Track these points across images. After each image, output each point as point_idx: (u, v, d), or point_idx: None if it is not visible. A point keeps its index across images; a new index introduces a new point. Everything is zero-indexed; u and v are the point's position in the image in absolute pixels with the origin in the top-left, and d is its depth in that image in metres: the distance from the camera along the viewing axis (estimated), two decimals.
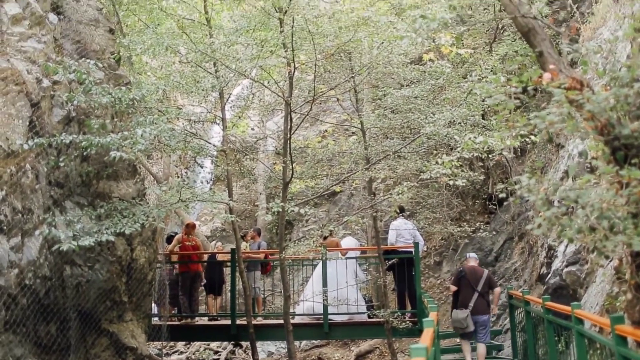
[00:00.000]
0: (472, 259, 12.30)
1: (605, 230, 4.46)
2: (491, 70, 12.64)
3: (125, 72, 11.69)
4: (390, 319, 12.41)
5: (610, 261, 8.58)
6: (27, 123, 8.79)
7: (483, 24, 17.07)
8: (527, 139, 8.22)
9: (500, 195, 12.24)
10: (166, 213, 10.46)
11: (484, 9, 17.02)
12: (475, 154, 12.11)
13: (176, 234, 15.25)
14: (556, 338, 9.27)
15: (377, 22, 10.78)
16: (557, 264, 11.66)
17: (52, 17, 10.19)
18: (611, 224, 4.46)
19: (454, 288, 12.03)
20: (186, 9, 12.74)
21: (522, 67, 12.50)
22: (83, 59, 9.96)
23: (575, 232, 4.60)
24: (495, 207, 17.17)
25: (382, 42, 11.60)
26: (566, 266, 11.15)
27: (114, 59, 11.15)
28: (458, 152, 10.97)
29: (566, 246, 11.35)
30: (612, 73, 5.08)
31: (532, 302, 11.02)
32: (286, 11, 10.90)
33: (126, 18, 13.25)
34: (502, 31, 17.07)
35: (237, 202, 16.72)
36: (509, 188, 6.63)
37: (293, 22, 10.61)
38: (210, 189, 20.62)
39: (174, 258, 14.37)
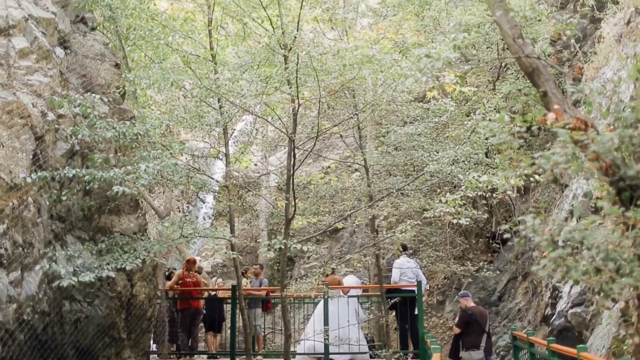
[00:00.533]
0: (470, 299, 12.18)
1: (612, 272, 4.40)
2: (494, 109, 12.68)
3: (130, 107, 11.74)
4: (393, 359, 12.22)
5: (617, 303, 8.46)
6: (31, 156, 8.79)
7: (487, 63, 17.21)
8: (531, 178, 8.18)
9: (505, 236, 12.17)
10: (167, 249, 10.40)
11: (487, 48, 17.16)
12: (479, 193, 12.08)
13: (174, 269, 15.16)
14: None
15: (381, 60, 10.84)
16: (562, 304, 11.52)
17: (59, 51, 10.27)
18: (617, 265, 4.40)
19: (458, 330, 11.83)
20: (192, 45, 12.85)
21: (526, 107, 12.56)
22: (88, 93, 10.03)
23: (581, 273, 4.53)
24: (498, 245, 17.06)
25: (386, 80, 11.66)
26: (571, 307, 11.02)
27: (119, 93, 11.21)
28: (462, 190, 10.93)
29: (571, 287, 11.23)
30: (616, 113, 5.08)
31: (537, 343, 10.84)
32: (291, 48, 10.98)
33: (132, 53, 13.35)
34: (505, 69, 17.19)
35: (238, 238, 16.64)
36: (512, 228, 6.59)
37: (298, 59, 10.68)
38: (212, 224, 20.56)
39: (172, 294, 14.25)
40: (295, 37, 10.90)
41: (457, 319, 12.87)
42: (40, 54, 9.56)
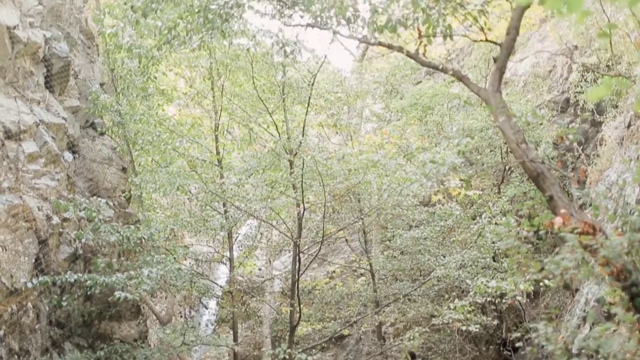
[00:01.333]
0: None
1: None
2: (500, 212, 12.65)
3: (135, 210, 11.77)
4: None
5: None
6: (33, 260, 8.71)
7: (490, 167, 17.33)
8: (541, 282, 8.03)
9: (517, 343, 11.80)
10: (168, 357, 10.09)
11: (491, 151, 17.34)
12: (488, 298, 11.84)
13: None
14: None
15: (386, 165, 10.95)
16: None
17: (68, 155, 10.41)
18: None
19: None
20: (198, 149, 13.06)
21: (532, 210, 12.50)
22: (94, 196, 10.06)
23: None
24: (510, 353, 16.51)
25: (391, 184, 11.73)
26: None
27: (124, 197, 11.26)
28: (470, 296, 10.72)
29: None
30: (624, 217, 5.03)
31: None
32: (296, 153, 11.13)
33: (139, 157, 13.54)
34: (509, 172, 17.29)
35: (241, 346, 16.19)
36: (524, 335, 6.38)
37: (303, 164, 10.79)
38: (214, 331, 20.08)
39: None
40: (300, 142, 11.06)
41: None
42: (49, 158, 9.67)
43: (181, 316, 21.56)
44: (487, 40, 7.23)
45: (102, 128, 11.95)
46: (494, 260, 13.30)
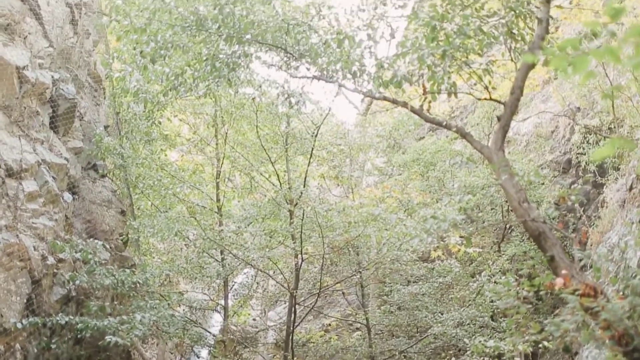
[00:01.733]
0: None
1: None
2: (500, 271, 12.54)
3: (131, 254, 11.69)
4: None
5: None
6: (25, 300, 8.58)
7: (491, 224, 17.24)
8: (541, 344, 7.88)
9: None
10: None
11: (492, 209, 17.29)
12: (485, 358, 11.63)
13: None
14: None
15: (386, 219, 10.91)
16: None
17: (67, 196, 10.39)
18: None
19: None
20: (199, 195, 13.04)
21: (532, 270, 12.39)
22: (91, 238, 10.01)
23: None
24: None
25: (390, 239, 11.67)
26: None
27: (122, 240, 11.20)
28: (468, 355, 10.53)
29: None
30: (626, 280, 4.96)
31: None
32: (297, 203, 11.11)
33: (139, 201, 13.51)
34: (510, 231, 17.20)
35: None
36: None
37: (303, 215, 10.76)
38: None
39: None
40: (301, 193, 11.06)
41: None
42: (48, 197, 9.65)
43: None
44: (491, 98, 7.28)
45: (103, 170, 11.96)
46: (493, 320, 13.10)
